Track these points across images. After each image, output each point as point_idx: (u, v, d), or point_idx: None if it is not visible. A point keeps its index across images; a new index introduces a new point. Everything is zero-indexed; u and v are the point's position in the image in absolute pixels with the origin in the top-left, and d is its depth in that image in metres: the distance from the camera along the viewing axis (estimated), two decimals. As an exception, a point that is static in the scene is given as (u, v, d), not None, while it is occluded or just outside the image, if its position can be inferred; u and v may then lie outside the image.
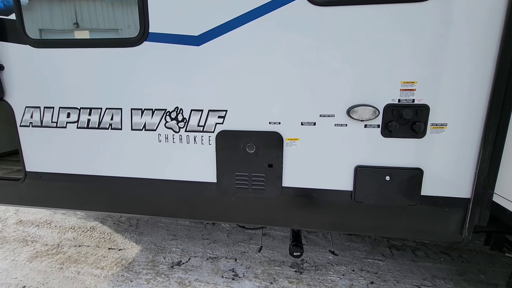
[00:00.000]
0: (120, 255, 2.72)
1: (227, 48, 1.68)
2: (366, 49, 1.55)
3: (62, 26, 2.12)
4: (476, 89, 1.49)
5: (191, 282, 2.34)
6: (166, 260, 2.63)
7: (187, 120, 1.82)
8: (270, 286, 2.30)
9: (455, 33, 1.45)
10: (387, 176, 1.66)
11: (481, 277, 2.40)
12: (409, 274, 2.45)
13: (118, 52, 1.80)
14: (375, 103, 1.59)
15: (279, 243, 2.90)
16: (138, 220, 3.40)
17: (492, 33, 1.42)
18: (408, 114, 1.54)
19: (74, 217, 3.46)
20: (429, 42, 1.48)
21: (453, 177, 1.61)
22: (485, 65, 1.46)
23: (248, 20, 1.64)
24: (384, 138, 1.63)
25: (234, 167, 1.84)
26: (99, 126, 1.93)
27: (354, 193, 1.73)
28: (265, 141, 1.76)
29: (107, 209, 2.18)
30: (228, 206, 1.94)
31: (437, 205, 1.67)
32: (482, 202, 1.59)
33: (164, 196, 2.01)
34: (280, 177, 1.80)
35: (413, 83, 1.53)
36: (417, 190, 1.65)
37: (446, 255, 2.72)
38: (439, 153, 1.60)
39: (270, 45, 1.64)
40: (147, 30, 1.72)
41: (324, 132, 1.69)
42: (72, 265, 2.56)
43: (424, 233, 1.77)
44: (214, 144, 1.82)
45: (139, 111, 1.86)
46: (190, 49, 1.72)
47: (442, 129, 1.56)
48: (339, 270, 2.50)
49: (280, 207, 1.88)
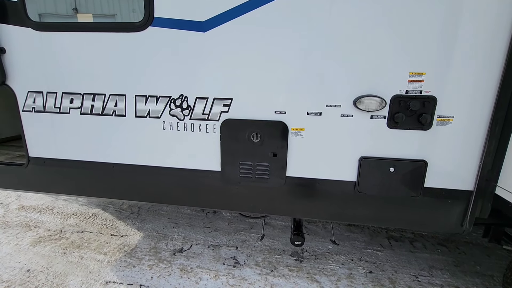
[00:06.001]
0: (122, 241, 2.75)
1: (233, 35, 1.65)
2: (374, 39, 1.52)
3: (65, 9, 2.07)
4: (484, 81, 1.48)
5: (193, 269, 2.38)
6: (168, 247, 2.66)
7: (191, 108, 1.81)
8: (271, 274, 2.34)
9: (464, 25, 1.43)
10: (391, 168, 1.67)
11: (477, 269, 2.45)
12: (407, 264, 2.50)
13: (122, 37, 1.77)
14: (382, 94, 1.58)
15: (280, 233, 2.93)
16: (139, 207, 3.42)
17: (503, 25, 1.40)
18: (415, 106, 1.54)
19: (76, 204, 3.48)
20: (439, 33, 1.46)
21: (457, 170, 1.62)
22: (495, 58, 1.44)
23: (254, 6, 1.60)
24: (390, 130, 1.63)
25: (239, 156, 1.84)
26: (103, 113, 1.91)
27: (358, 183, 1.74)
28: (270, 131, 1.76)
29: (110, 195, 2.19)
30: (231, 194, 1.95)
31: (439, 197, 1.68)
32: (484, 194, 1.61)
33: (167, 184, 2.01)
34: (285, 167, 1.81)
35: (421, 74, 1.52)
36: (421, 181, 1.66)
37: (443, 246, 2.77)
38: (444, 146, 1.60)
39: (277, 33, 1.61)
40: (152, 15, 1.69)
41: (329, 122, 1.69)
42: (75, 250, 2.60)
43: (426, 225, 1.79)
44: (218, 133, 1.82)
45: (143, 98, 1.84)
46: (196, 35, 1.69)
47: (449, 121, 1.56)
48: (339, 260, 2.54)
49: (283, 196, 1.89)
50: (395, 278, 2.33)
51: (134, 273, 2.32)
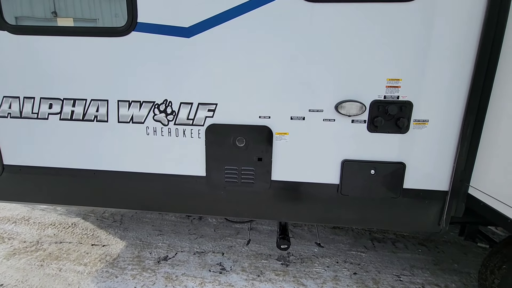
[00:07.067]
0: (104, 251, 2.65)
1: (218, 41, 1.67)
2: (354, 47, 1.59)
3: (43, 13, 2.02)
4: (455, 87, 1.58)
5: (178, 277, 2.33)
6: (152, 255, 2.60)
7: (176, 113, 1.80)
8: (257, 279, 2.33)
9: (437, 34, 1.52)
10: (372, 170, 1.73)
11: (455, 266, 2.55)
12: (390, 264, 2.56)
13: (104, 41, 1.75)
14: (362, 99, 1.65)
15: (266, 237, 2.94)
16: (122, 215, 3.32)
17: (471, 35, 1.51)
18: (393, 110, 1.61)
19: (54, 213, 3.33)
20: (414, 41, 1.55)
21: (433, 171, 1.70)
22: (464, 65, 1.54)
23: (239, 13, 1.64)
24: (370, 133, 1.70)
25: (224, 161, 1.84)
26: (84, 118, 1.87)
27: (341, 186, 1.79)
28: (255, 135, 1.78)
29: (91, 203, 2.12)
30: (217, 199, 1.95)
31: (418, 198, 1.75)
32: (458, 194, 1.69)
33: (151, 190, 1.98)
34: (269, 171, 1.83)
35: (398, 80, 1.60)
36: (400, 183, 1.73)
37: (423, 246, 2.87)
38: (420, 148, 1.68)
39: (261, 39, 1.65)
40: (135, 20, 1.68)
41: (312, 126, 1.73)
42: (53, 262, 2.48)
43: (406, 225, 1.86)
44: (203, 138, 1.82)
45: (126, 103, 1.81)
46: (180, 40, 1.70)
47: (424, 125, 1.64)
48: (324, 262, 2.57)
49: (269, 200, 1.91)
50: (379, 278, 2.39)
51: (116, 284, 2.24)
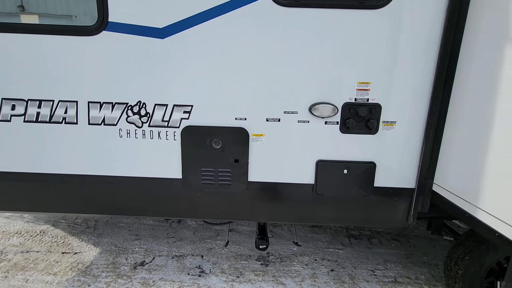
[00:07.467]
0: (75, 259, 2.53)
1: (193, 43, 1.66)
2: (327, 50, 1.65)
3: (7, 7, 1.90)
4: (419, 91, 1.68)
5: (155, 282, 2.28)
6: (128, 261, 2.52)
7: (150, 115, 1.76)
8: (237, 280, 2.34)
9: (402, 40, 1.61)
10: (345, 170, 1.79)
11: (425, 259, 2.71)
12: (365, 260, 2.67)
13: (73, 40, 1.67)
14: (335, 101, 1.71)
15: (246, 238, 2.94)
16: (96, 221, 3.19)
17: (432, 44, 1.61)
18: (363, 112, 1.68)
19: (20, 221, 3.13)
20: (381, 47, 1.63)
21: (401, 170, 1.80)
22: (427, 70, 1.65)
23: (214, 15, 1.64)
24: (342, 134, 1.76)
25: (200, 163, 1.83)
26: (51, 120, 1.78)
27: (316, 186, 1.84)
28: (231, 137, 1.78)
29: (61, 209, 2.02)
30: (194, 202, 1.93)
31: (387, 195, 1.84)
32: (424, 191, 1.80)
33: (126, 194, 1.92)
34: (246, 172, 1.84)
35: (367, 83, 1.67)
36: (371, 182, 1.81)
37: (396, 241, 3.01)
38: (389, 148, 1.77)
39: (236, 42, 1.66)
40: (106, 19, 1.63)
41: (288, 128, 1.77)
42: (19, 272, 2.33)
43: (377, 221, 1.95)
44: (179, 140, 1.80)
45: (97, 105, 1.75)
46: (154, 41, 1.67)
47: (392, 126, 1.73)
48: (303, 261, 2.62)
49: (246, 201, 1.92)
50: (354, 274, 2.47)
51: (89, 293, 2.15)
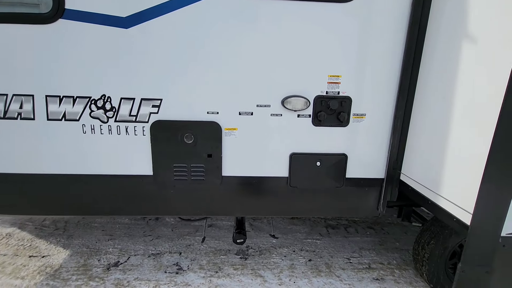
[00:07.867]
0: (43, 262, 2.41)
1: (160, 34, 1.59)
2: (298, 44, 1.63)
3: None
4: (386, 85, 1.72)
5: (130, 282, 2.22)
6: (101, 263, 2.43)
7: (116, 109, 1.68)
8: (215, 275, 2.32)
9: (370, 34, 1.64)
10: (317, 162, 1.81)
11: (397, 245, 2.83)
12: (342, 249, 2.74)
13: (26, 29, 1.54)
14: (306, 95, 1.71)
15: (225, 233, 2.93)
16: (66, 222, 3.04)
17: (398, 38, 1.65)
18: (334, 105, 1.70)
19: (-18, 225, 2.92)
20: (350, 40, 1.64)
21: (371, 161, 1.85)
22: (393, 64, 1.69)
23: (182, 5, 1.57)
24: (315, 127, 1.77)
25: (172, 159, 1.78)
26: (5, 116, 1.64)
27: (290, 178, 1.85)
28: (203, 131, 1.74)
29: (22, 211, 1.90)
30: (167, 199, 1.88)
31: (359, 186, 1.89)
32: (392, 181, 1.87)
33: (93, 193, 1.83)
34: (220, 167, 1.81)
35: (338, 76, 1.69)
36: (343, 173, 1.85)
37: (371, 229, 3.12)
38: (359, 140, 1.80)
39: (205, 34, 1.60)
40: (62, 6, 1.51)
41: (261, 121, 1.75)
42: (-19, 279, 2.18)
43: (350, 211, 2.01)
44: (148, 135, 1.73)
45: (56, 99, 1.64)
46: (117, 31, 1.57)
47: (362, 118, 1.76)
48: (282, 252, 2.65)
49: (221, 196, 1.90)
50: (331, 262, 2.54)
51: (58, 297, 2.05)
